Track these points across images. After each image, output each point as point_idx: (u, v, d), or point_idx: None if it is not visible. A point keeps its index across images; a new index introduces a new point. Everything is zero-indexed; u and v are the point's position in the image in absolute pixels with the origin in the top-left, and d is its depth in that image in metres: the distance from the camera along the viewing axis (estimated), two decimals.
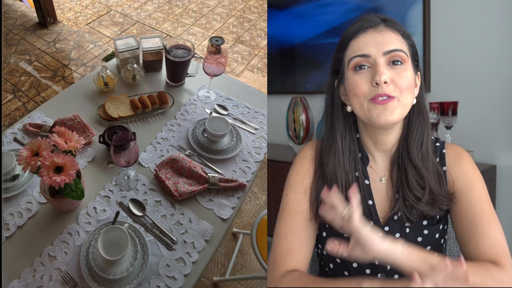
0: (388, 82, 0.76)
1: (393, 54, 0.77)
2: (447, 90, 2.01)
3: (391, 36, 0.79)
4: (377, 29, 0.79)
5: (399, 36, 0.80)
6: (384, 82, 0.76)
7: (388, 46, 0.78)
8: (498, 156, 1.90)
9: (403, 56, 0.78)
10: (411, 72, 0.79)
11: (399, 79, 0.77)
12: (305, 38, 2.56)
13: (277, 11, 2.68)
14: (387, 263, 0.70)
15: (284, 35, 2.68)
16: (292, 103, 2.33)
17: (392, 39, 0.79)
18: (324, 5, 2.42)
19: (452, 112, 1.80)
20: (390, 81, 0.76)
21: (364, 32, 0.80)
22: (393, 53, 0.78)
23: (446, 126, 1.82)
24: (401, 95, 0.77)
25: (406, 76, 0.77)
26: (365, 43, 0.79)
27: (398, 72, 0.77)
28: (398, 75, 0.77)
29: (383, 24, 0.80)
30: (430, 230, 0.83)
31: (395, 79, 0.77)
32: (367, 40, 0.79)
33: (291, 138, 2.36)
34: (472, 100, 1.93)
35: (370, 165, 0.87)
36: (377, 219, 0.85)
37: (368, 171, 0.87)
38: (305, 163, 0.91)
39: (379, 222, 0.85)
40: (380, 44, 0.78)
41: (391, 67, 0.78)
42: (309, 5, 2.50)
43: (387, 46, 0.78)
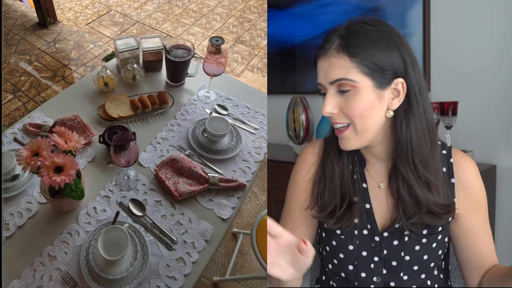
0: (335, 112, 0.77)
1: (337, 84, 0.76)
2: (447, 90, 2.01)
3: (335, 64, 0.76)
4: (326, 55, 0.77)
5: (346, 61, 0.75)
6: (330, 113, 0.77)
7: (332, 76, 0.76)
8: (498, 156, 1.90)
9: (348, 84, 0.75)
10: (365, 94, 0.75)
11: (347, 107, 0.76)
12: (305, 38, 2.56)
13: (277, 11, 2.68)
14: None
15: (284, 35, 2.68)
16: (292, 103, 2.33)
17: (336, 67, 0.76)
18: (324, 5, 2.42)
19: (452, 112, 1.79)
20: (339, 110, 0.77)
21: (318, 59, 0.79)
22: (337, 83, 0.76)
23: (446, 126, 1.82)
24: (354, 122, 0.76)
25: (356, 102, 0.75)
26: (319, 71, 0.79)
27: (347, 99, 0.76)
28: (347, 102, 0.76)
29: (335, 46, 0.76)
30: (429, 239, 0.83)
31: (343, 107, 0.76)
32: (319, 68, 0.79)
33: (291, 138, 2.36)
34: (472, 100, 1.93)
35: (367, 169, 0.87)
36: (374, 223, 0.85)
37: (365, 174, 0.87)
38: (306, 165, 0.92)
39: (376, 226, 0.85)
40: (326, 73, 0.77)
41: (340, 94, 0.76)
42: (309, 5, 2.50)
43: (331, 76, 0.76)
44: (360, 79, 0.75)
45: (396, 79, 0.76)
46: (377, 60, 0.74)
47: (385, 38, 0.76)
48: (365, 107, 0.75)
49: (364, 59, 0.74)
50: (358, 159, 0.86)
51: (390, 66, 0.75)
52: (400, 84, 0.77)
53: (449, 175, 0.84)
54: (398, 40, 0.77)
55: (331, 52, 0.76)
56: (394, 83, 0.77)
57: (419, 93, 0.78)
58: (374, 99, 0.76)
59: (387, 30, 0.77)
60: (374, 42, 0.75)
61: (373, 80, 0.75)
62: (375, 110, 0.76)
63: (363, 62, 0.74)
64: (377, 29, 0.76)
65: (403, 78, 0.77)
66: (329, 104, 0.77)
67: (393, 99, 0.78)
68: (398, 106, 0.78)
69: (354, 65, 0.75)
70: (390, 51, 0.75)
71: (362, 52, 0.74)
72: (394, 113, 0.78)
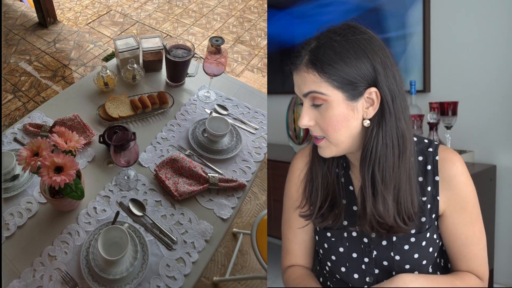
0: (312, 124, 0.78)
1: (310, 97, 0.77)
2: (447, 90, 2.01)
3: (305, 78, 0.76)
4: (297, 70, 0.78)
5: (315, 76, 0.75)
6: (307, 125, 0.78)
7: (303, 89, 0.77)
8: (498, 156, 1.90)
9: (319, 97, 0.75)
10: (337, 108, 0.75)
11: (321, 121, 0.77)
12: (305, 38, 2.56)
13: (277, 11, 2.68)
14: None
15: (284, 35, 2.68)
16: (292, 103, 2.33)
17: (306, 81, 0.76)
18: (324, 5, 2.42)
19: (452, 112, 1.80)
20: (315, 122, 0.78)
21: (293, 73, 0.80)
22: (309, 96, 0.77)
23: (446, 126, 1.82)
24: (327, 135, 0.77)
25: (328, 116, 0.76)
26: (294, 84, 0.80)
27: (321, 113, 0.77)
28: (321, 115, 0.77)
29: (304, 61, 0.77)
30: (417, 238, 0.83)
31: (318, 121, 0.78)
32: (294, 81, 0.80)
33: (291, 138, 2.36)
34: (472, 100, 1.93)
35: (352, 171, 0.88)
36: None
37: (351, 176, 0.88)
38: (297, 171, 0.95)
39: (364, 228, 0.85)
40: (299, 87, 0.78)
41: (315, 107, 0.77)
42: (309, 5, 2.50)
43: (302, 89, 0.77)
44: (331, 92, 0.75)
45: (369, 89, 0.75)
46: (346, 74, 0.74)
47: (353, 48, 0.74)
48: (337, 120, 0.76)
49: (333, 75, 0.74)
50: (342, 162, 0.88)
51: (360, 78, 0.75)
52: (374, 93, 0.76)
53: (434, 173, 0.83)
54: (368, 48, 0.75)
55: (301, 67, 0.77)
56: (367, 93, 0.76)
57: (391, 101, 0.76)
58: (346, 112, 0.76)
59: (357, 38, 0.75)
60: (342, 55, 0.74)
61: (344, 93, 0.75)
62: (349, 122, 0.77)
63: (332, 77, 0.74)
64: (345, 39, 0.75)
65: (375, 87, 0.76)
66: (305, 116, 0.78)
67: (368, 108, 0.77)
68: (373, 114, 0.77)
69: (324, 79, 0.75)
70: (359, 61, 0.74)
71: (329, 68, 0.74)
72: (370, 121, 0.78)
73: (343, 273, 0.88)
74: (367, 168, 0.77)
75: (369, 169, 0.77)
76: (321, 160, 0.87)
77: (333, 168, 0.87)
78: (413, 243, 0.83)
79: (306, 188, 0.89)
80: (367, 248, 0.85)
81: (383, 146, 0.76)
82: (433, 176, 0.83)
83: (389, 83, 0.76)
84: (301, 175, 0.92)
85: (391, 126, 0.76)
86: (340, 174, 0.88)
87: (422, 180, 0.83)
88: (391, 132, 0.76)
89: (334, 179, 0.86)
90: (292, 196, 0.95)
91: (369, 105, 0.76)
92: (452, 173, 0.82)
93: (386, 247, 0.84)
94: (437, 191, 0.83)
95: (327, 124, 0.76)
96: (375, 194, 0.77)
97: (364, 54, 0.74)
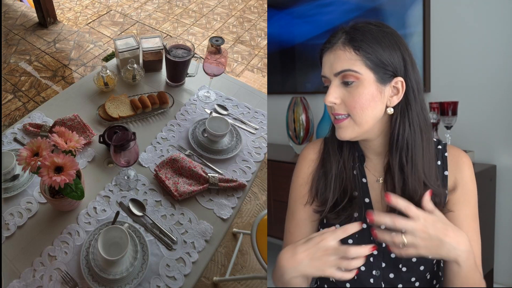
0: (338, 102, 0.80)
1: (342, 75, 0.79)
2: (447, 90, 2.01)
3: (340, 56, 0.79)
4: (332, 49, 0.81)
5: (351, 53, 0.79)
6: (333, 103, 0.80)
7: (336, 67, 0.79)
8: (498, 156, 1.90)
9: (353, 75, 0.78)
10: (368, 87, 0.78)
11: (349, 99, 0.79)
12: (305, 38, 2.56)
13: (277, 11, 2.68)
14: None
15: (284, 35, 2.68)
16: (292, 103, 2.33)
17: (341, 59, 0.79)
18: (324, 5, 2.42)
19: (452, 112, 1.80)
20: (341, 101, 0.80)
21: (325, 53, 0.83)
22: (342, 74, 0.79)
23: (446, 126, 1.82)
24: (353, 114, 0.79)
25: (358, 94, 0.78)
26: (324, 64, 0.82)
27: (350, 91, 0.79)
28: (349, 93, 0.79)
29: (341, 40, 0.80)
30: None
31: (346, 99, 0.79)
32: (325, 61, 0.82)
33: (291, 138, 2.35)
34: (472, 100, 1.93)
35: (366, 165, 0.90)
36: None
37: (365, 170, 0.90)
38: (305, 163, 0.94)
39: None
40: (331, 65, 0.80)
41: (344, 86, 0.80)
42: (309, 5, 2.50)
43: (336, 67, 0.79)
44: (364, 71, 0.78)
45: (396, 78, 0.80)
46: (380, 55, 0.78)
47: (387, 37, 0.80)
48: (366, 99, 0.79)
49: (368, 53, 0.78)
50: (358, 155, 0.90)
51: (391, 63, 0.79)
52: (399, 82, 0.80)
53: (443, 168, 0.87)
54: (399, 40, 0.81)
55: (337, 46, 0.80)
56: (394, 81, 0.80)
57: (417, 91, 0.82)
58: (376, 93, 0.79)
59: (390, 31, 0.81)
60: (378, 40, 0.79)
61: (375, 74, 0.79)
62: (376, 103, 0.80)
63: (367, 56, 0.78)
64: (381, 29, 0.81)
65: (402, 77, 0.81)
66: (332, 93, 0.80)
67: (392, 96, 0.81)
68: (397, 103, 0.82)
69: (359, 58, 0.78)
70: (392, 49, 0.79)
71: (366, 46, 0.78)
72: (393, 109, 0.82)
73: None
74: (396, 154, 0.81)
75: (397, 154, 0.81)
76: (336, 152, 0.88)
77: (348, 162, 0.88)
78: None
79: (320, 180, 0.89)
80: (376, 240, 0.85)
81: (412, 132, 0.81)
82: (443, 171, 0.87)
83: (415, 75, 0.82)
84: (310, 167, 0.92)
85: (418, 113, 0.82)
86: (355, 167, 0.89)
87: None
88: (418, 119, 0.81)
89: (350, 172, 0.88)
90: (300, 187, 0.94)
91: (393, 94, 0.81)
92: (460, 169, 0.86)
93: None
94: (445, 185, 0.86)
95: (356, 102, 0.78)
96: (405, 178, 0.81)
97: (396, 45, 0.80)
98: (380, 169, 0.89)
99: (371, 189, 0.89)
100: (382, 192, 0.87)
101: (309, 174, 0.92)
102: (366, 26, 0.81)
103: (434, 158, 0.85)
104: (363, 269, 0.87)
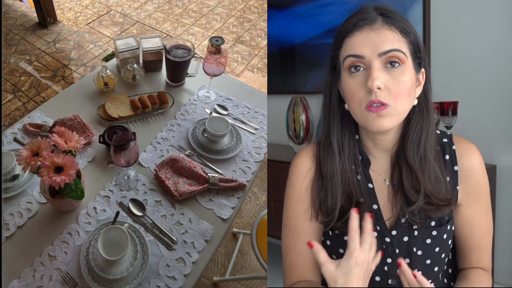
0: (382, 87, 0.71)
1: (389, 55, 0.71)
2: (447, 90, 2.01)
3: (387, 35, 0.72)
4: (372, 27, 0.72)
5: (398, 34, 0.72)
6: (377, 88, 0.70)
7: (384, 47, 0.71)
8: (498, 156, 1.90)
9: (401, 57, 0.71)
10: (410, 74, 0.73)
11: (394, 85, 0.71)
12: (305, 38, 2.56)
13: (277, 11, 2.68)
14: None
15: (284, 35, 2.68)
16: (292, 103, 2.33)
17: (389, 38, 0.71)
18: (324, 5, 2.42)
19: (452, 112, 1.80)
20: (384, 86, 0.71)
21: (358, 30, 0.73)
22: (390, 54, 0.71)
23: (446, 126, 1.82)
24: (395, 102, 0.71)
25: (403, 81, 0.71)
26: (360, 43, 0.73)
27: (395, 77, 0.71)
28: (394, 80, 0.71)
29: (381, 20, 0.73)
30: (439, 231, 0.81)
31: (390, 85, 0.71)
32: (362, 39, 0.73)
33: (291, 138, 2.35)
34: (472, 100, 1.93)
35: (371, 168, 0.84)
36: (382, 223, 0.82)
37: (370, 173, 0.83)
38: (301, 173, 0.87)
39: (385, 226, 0.82)
40: (375, 44, 0.71)
41: (388, 69, 0.72)
42: (309, 5, 2.50)
43: (383, 46, 0.71)
44: (408, 56, 0.73)
45: (422, 68, 0.77)
46: (418, 39, 0.75)
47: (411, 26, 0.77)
48: (409, 87, 0.73)
49: (410, 37, 0.73)
50: (362, 159, 0.84)
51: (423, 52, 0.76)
52: (421, 73, 0.77)
53: (452, 163, 0.82)
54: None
55: (380, 24, 0.73)
56: (421, 71, 0.77)
57: (430, 83, 0.79)
58: (414, 80, 0.75)
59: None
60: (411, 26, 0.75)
61: (413, 61, 0.74)
62: (413, 92, 0.75)
63: (409, 39, 0.73)
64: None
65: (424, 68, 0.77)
66: (379, 77, 0.70)
67: (417, 87, 0.77)
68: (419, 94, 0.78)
69: (405, 40, 0.73)
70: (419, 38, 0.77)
71: (410, 28, 0.74)
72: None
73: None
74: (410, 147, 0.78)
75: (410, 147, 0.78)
76: (336, 157, 0.81)
77: (350, 165, 0.81)
78: (435, 237, 0.80)
79: (321, 190, 0.82)
80: (390, 248, 0.81)
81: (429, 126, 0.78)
82: (452, 166, 0.82)
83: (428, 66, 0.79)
84: (307, 177, 0.85)
85: (432, 107, 0.79)
86: (358, 171, 0.82)
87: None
88: (432, 112, 0.79)
89: (354, 178, 0.81)
90: (300, 200, 0.85)
91: (417, 85, 0.77)
92: (471, 163, 0.82)
93: (408, 243, 0.80)
94: (456, 181, 0.81)
95: (401, 89, 0.71)
96: (424, 170, 0.77)
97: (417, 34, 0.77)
98: (386, 167, 0.83)
99: (378, 194, 0.83)
100: (390, 195, 0.82)
101: (307, 186, 0.85)
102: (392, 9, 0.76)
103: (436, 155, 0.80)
104: (378, 279, 0.82)
